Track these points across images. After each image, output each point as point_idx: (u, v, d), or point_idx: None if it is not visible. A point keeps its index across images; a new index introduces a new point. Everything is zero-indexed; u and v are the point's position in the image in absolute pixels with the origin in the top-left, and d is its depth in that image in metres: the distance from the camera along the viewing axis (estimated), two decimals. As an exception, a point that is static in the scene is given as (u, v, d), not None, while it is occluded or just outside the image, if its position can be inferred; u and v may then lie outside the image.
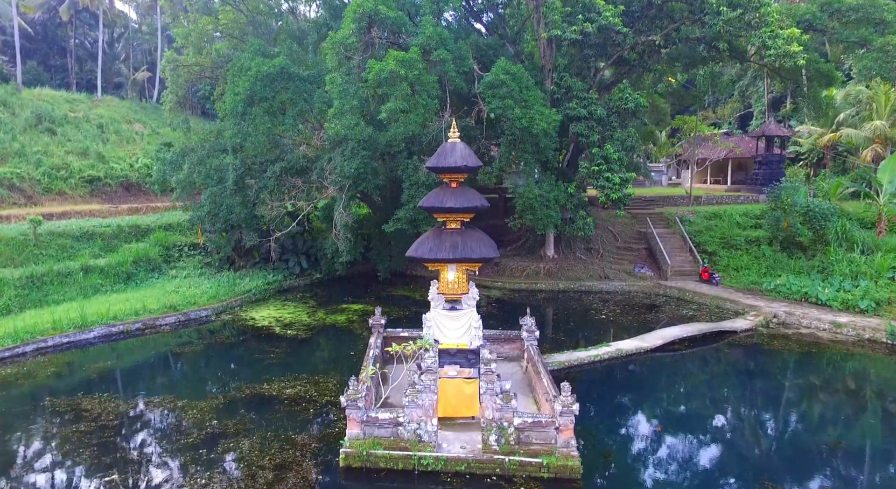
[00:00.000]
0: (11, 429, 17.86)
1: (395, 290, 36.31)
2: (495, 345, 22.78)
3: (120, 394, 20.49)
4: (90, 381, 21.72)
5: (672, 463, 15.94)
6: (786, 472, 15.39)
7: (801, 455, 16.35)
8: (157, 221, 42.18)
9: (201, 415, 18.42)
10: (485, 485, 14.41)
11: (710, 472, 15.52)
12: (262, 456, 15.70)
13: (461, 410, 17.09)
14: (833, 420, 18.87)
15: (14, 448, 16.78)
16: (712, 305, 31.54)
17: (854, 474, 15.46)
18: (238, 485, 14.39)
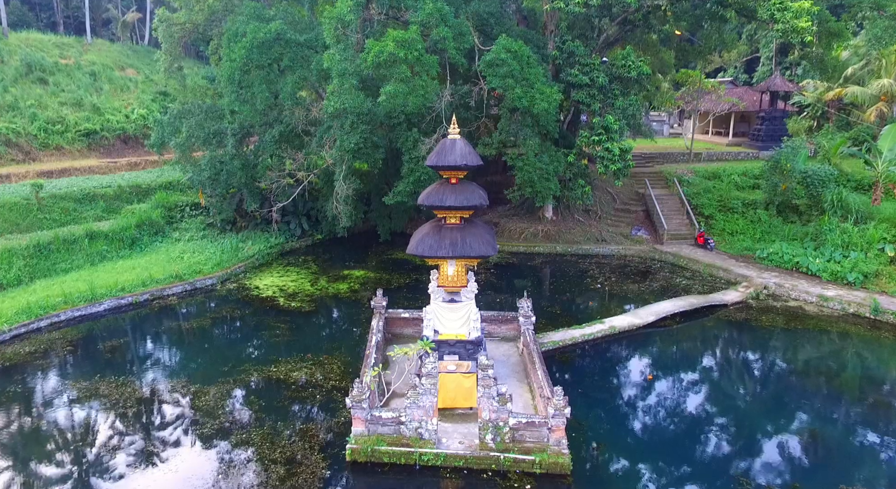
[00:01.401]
0: (21, 415, 18.96)
1: (395, 253, 36.88)
2: (493, 325, 23.71)
3: (134, 377, 21.48)
4: (103, 363, 22.68)
5: (660, 453, 17.03)
6: (758, 461, 16.56)
7: (775, 443, 17.46)
8: (157, 180, 42.30)
9: (213, 402, 19.49)
10: (481, 480, 15.59)
11: (694, 462, 16.67)
12: (273, 449, 16.82)
13: (459, 401, 18.11)
14: (809, 406, 19.92)
15: (30, 432, 17.89)
16: (705, 273, 32.31)
17: (826, 461, 16.63)
18: (253, 480, 15.55)
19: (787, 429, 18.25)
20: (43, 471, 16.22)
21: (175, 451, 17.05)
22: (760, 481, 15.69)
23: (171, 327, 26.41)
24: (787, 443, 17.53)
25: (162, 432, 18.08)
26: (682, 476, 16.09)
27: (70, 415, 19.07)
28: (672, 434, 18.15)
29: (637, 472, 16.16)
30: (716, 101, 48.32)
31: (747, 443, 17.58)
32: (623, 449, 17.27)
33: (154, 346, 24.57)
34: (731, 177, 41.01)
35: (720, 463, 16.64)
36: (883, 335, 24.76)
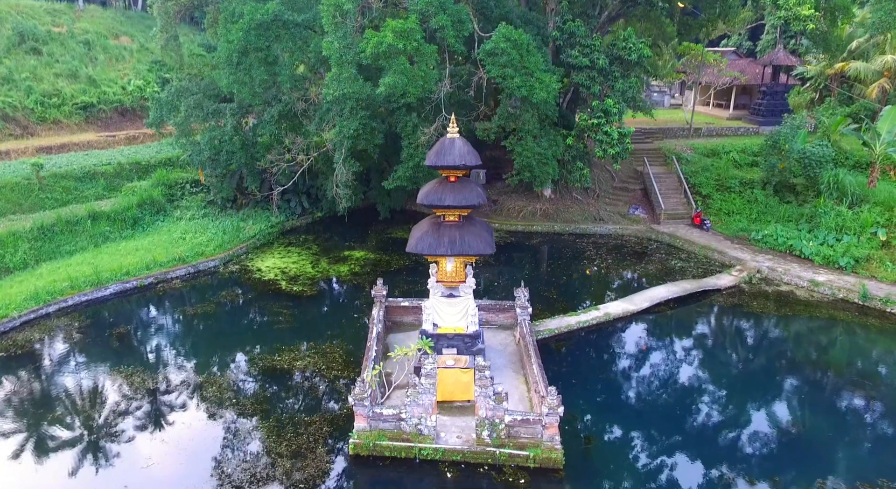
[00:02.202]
0: (33, 401, 19.74)
1: (395, 231, 37.29)
2: (491, 313, 24.34)
3: (144, 367, 22.16)
4: (110, 352, 23.31)
5: (651, 446, 17.87)
6: (743, 453, 17.41)
7: (759, 434, 18.28)
8: (156, 156, 42.33)
9: (220, 394, 20.23)
10: (478, 474, 16.43)
11: (683, 454, 17.49)
12: (279, 442, 17.63)
13: (458, 395, 18.85)
14: (793, 396, 20.69)
15: (42, 418, 18.69)
16: (700, 255, 32.82)
17: (806, 454, 17.46)
18: (261, 474, 16.38)
19: (772, 420, 19.04)
20: (52, 457, 17.05)
21: (182, 442, 17.84)
22: (745, 471, 16.53)
23: (177, 314, 27.01)
24: (771, 435, 18.32)
25: (171, 423, 18.84)
26: (672, 468, 16.91)
27: (78, 402, 19.83)
28: (662, 425, 18.90)
29: (628, 465, 16.99)
30: (717, 74, 47.86)
31: (734, 434, 18.39)
32: (614, 442, 18.08)
33: (160, 335, 25.12)
34: (729, 154, 41.07)
35: (709, 455, 17.43)
36: (870, 321, 25.43)
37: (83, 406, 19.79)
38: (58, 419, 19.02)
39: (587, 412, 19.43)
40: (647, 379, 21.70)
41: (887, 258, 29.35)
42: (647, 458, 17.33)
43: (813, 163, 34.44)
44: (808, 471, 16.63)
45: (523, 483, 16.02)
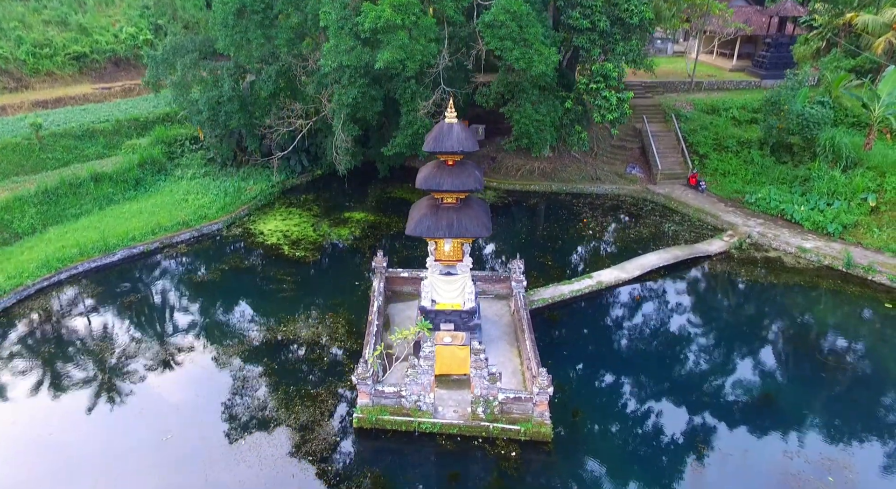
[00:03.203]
0: (52, 373, 21.00)
1: (394, 191, 37.74)
2: (487, 284, 25.25)
3: (154, 337, 23.29)
4: (121, 322, 24.41)
5: (636, 417, 19.19)
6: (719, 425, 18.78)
7: (734, 407, 19.60)
8: (154, 111, 42.11)
9: (229, 363, 21.46)
10: (472, 446, 17.82)
11: (664, 428, 18.83)
12: (287, 415, 18.94)
13: (454, 369, 20.05)
14: (776, 367, 21.90)
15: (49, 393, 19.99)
16: (694, 218, 33.47)
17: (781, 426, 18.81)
18: (272, 446, 17.74)
19: (752, 391, 20.30)
20: (69, 424, 18.42)
21: (198, 415, 19.16)
22: (728, 441, 17.92)
23: (183, 283, 27.74)
24: (748, 408, 19.62)
25: (183, 396, 20.12)
26: (654, 439, 18.28)
27: (91, 371, 21.07)
28: (646, 397, 20.19)
29: (613, 437, 18.36)
30: (722, 25, 46.82)
31: (717, 404, 19.67)
32: (600, 414, 19.38)
33: (168, 305, 25.96)
34: (729, 111, 40.92)
35: (692, 424, 18.77)
36: (850, 289, 26.40)
37: (96, 374, 21.00)
38: (75, 385, 20.29)
39: (576, 384, 20.68)
40: (634, 350, 22.86)
41: (875, 224, 30.01)
42: (631, 430, 18.68)
43: (811, 124, 34.49)
44: (779, 435, 18.04)
45: (514, 455, 17.42)
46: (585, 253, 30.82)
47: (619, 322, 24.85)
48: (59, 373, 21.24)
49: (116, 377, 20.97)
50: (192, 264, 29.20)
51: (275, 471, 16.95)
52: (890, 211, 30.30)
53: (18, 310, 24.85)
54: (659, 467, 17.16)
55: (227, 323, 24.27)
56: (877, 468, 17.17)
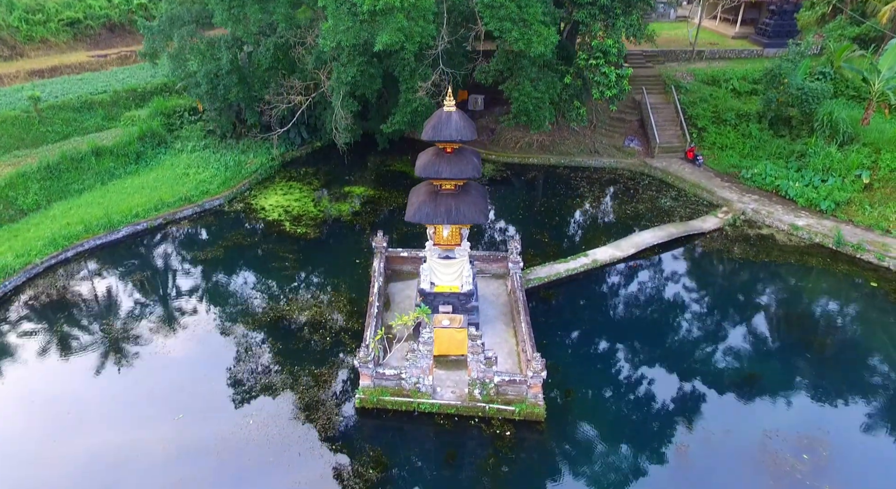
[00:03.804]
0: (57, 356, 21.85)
1: (393, 164, 37.96)
2: (485, 263, 25.87)
3: (160, 316, 24.03)
4: (129, 300, 25.14)
5: (628, 397, 20.11)
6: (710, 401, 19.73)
7: (720, 384, 20.52)
8: (151, 81, 41.93)
9: (236, 342, 22.28)
10: (469, 425, 18.78)
11: (654, 407, 19.78)
12: (292, 395, 19.85)
13: (453, 350, 20.85)
14: (760, 347, 22.72)
15: (61, 380, 20.87)
16: (690, 193, 33.87)
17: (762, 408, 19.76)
18: (277, 425, 18.69)
19: (735, 373, 21.17)
20: (78, 405, 19.36)
21: (204, 393, 20.07)
22: (702, 424, 18.89)
23: (186, 260, 28.22)
24: (733, 387, 20.50)
25: (192, 374, 21.00)
26: (641, 420, 19.22)
27: (99, 348, 21.92)
28: (638, 377, 21.06)
29: (603, 416, 19.29)
30: (726, -9, 46.07)
31: (706, 383, 20.57)
32: (593, 393, 20.28)
33: (173, 283, 26.57)
34: (730, 82, 40.78)
35: (677, 409, 19.70)
36: (838, 267, 27.05)
37: (107, 352, 21.84)
38: (86, 364, 21.16)
39: (569, 364, 21.51)
40: (626, 329, 23.63)
41: (867, 201, 30.44)
42: (620, 410, 19.62)
43: (810, 98, 34.51)
44: (761, 414, 19.01)
45: (509, 434, 18.39)
46: (582, 229, 31.36)
47: (613, 301, 25.57)
48: (70, 351, 22.08)
49: (126, 356, 21.80)
50: (195, 241, 29.73)
51: (281, 449, 17.91)
52: (882, 188, 30.70)
53: (29, 289, 25.54)
54: (645, 447, 18.13)
55: (231, 302, 24.96)
56: (849, 445, 18.13)
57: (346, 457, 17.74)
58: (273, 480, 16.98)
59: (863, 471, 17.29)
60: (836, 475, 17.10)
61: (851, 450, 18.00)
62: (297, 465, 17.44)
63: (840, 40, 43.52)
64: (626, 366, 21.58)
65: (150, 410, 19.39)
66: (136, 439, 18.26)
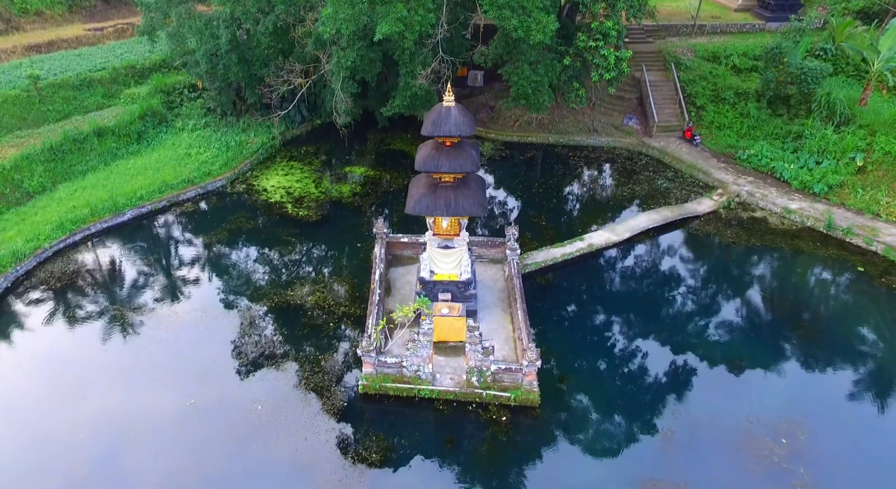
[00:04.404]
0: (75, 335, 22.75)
1: (393, 142, 38.19)
2: (483, 248, 26.54)
3: (168, 302, 24.76)
4: (137, 284, 25.89)
5: (620, 383, 21.07)
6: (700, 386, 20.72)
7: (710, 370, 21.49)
8: (150, 57, 41.71)
9: (243, 329, 23.12)
10: (467, 411, 19.78)
11: (647, 395, 20.72)
12: (299, 381, 20.79)
13: (452, 336, 21.73)
14: (748, 332, 23.59)
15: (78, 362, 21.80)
16: (687, 174, 34.30)
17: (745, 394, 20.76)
18: (285, 410, 19.67)
19: (723, 358, 22.06)
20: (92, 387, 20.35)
21: (214, 377, 21.01)
22: (688, 409, 19.89)
23: (191, 244, 28.86)
24: (720, 372, 21.45)
25: (201, 358, 21.90)
26: (631, 405, 20.20)
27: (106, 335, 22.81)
28: (628, 363, 22.01)
29: (594, 402, 20.26)
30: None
31: (698, 367, 21.55)
32: (585, 379, 21.19)
33: (178, 268, 27.16)
34: (730, 58, 40.67)
35: (666, 394, 20.62)
36: (828, 252, 27.73)
37: (115, 338, 22.73)
38: (99, 348, 22.08)
39: (563, 350, 22.38)
40: (619, 315, 24.44)
41: (859, 184, 30.91)
42: (611, 396, 20.59)
43: (809, 78, 34.59)
44: (744, 399, 20.00)
45: (505, 420, 19.41)
46: (579, 212, 31.92)
47: (607, 287, 26.32)
48: (81, 334, 22.92)
49: (137, 340, 22.67)
50: (199, 225, 30.27)
51: (288, 433, 18.93)
52: (875, 171, 31.14)
53: (40, 273, 26.25)
54: (633, 432, 19.16)
55: (236, 287, 25.70)
56: (826, 430, 19.13)
57: (351, 439, 18.78)
58: (281, 462, 18.02)
59: (837, 455, 18.31)
60: (811, 458, 18.14)
61: (828, 435, 19.01)
62: (304, 448, 18.46)
63: (843, 14, 43.23)
64: (617, 353, 22.49)
65: (162, 394, 20.32)
66: (151, 419, 19.28)
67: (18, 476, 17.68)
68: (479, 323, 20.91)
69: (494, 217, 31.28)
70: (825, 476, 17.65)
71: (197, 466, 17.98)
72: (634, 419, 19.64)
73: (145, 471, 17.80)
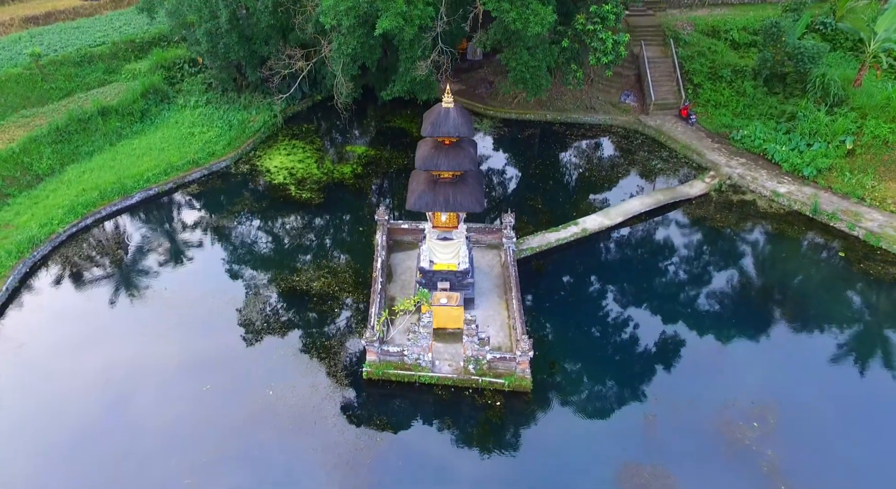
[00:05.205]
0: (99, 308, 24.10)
1: (394, 119, 38.68)
2: (480, 234, 27.60)
3: (178, 286, 25.94)
4: (149, 269, 27.05)
5: (601, 368, 22.50)
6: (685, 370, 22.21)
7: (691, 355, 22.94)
8: (148, 32, 41.64)
9: (251, 316, 24.42)
10: (464, 396, 21.30)
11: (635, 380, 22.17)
12: (307, 368, 22.23)
13: (450, 324, 23.06)
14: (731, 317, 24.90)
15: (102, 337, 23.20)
16: (681, 155, 35.03)
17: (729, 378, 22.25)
18: (294, 396, 21.17)
19: (703, 343, 23.48)
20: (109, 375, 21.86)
21: (226, 361, 22.45)
22: (670, 395, 21.41)
23: (197, 228, 29.81)
24: (699, 357, 22.87)
25: (215, 343, 23.29)
26: (617, 390, 21.69)
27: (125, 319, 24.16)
28: (616, 349, 23.42)
29: (583, 387, 21.77)
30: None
31: (685, 351, 23.01)
32: (574, 365, 22.60)
33: (186, 252, 28.31)
34: (730, 33, 40.75)
35: (649, 380, 22.06)
36: (811, 236, 28.83)
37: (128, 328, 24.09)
38: (114, 335, 23.47)
39: (555, 336, 23.79)
40: (609, 301, 25.70)
41: (847, 168, 31.68)
42: (598, 381, 22.07)
43: (806, 58, 34.88)
44: (721, 384, 21.50)
45: (499, 404, 20.95)
46: (574, 193, 32.79)
47: (598, 273, 27.44)
48: (101, 319, 24.26)
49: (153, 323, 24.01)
50: (205, 206, 31.21)
51: (297, 417, 20.49)
52: (864, 154, 31.89)
53: (56, 258, 27.40)
54: (617, 416, 20.70)
55: (241, 271, 26.87)
56: (796, 414, 20.64)
57: (356, 422, 20.35)
58: (293, 443, 19.63)
59: (803, 438, 19.87)
60: (779, 441, 19.73)
61: (796, 419, 20.54)
62: (314, 431, 20.03)
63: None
64: (604, 339, 23.89)
65: (179, 382, 21.80)
66: (167, 407, 20.84)
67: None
68: (476, 309, 22.16)
69: (492, 199, 32.17)
70: (790, 458, 19.23)
71: (216, 448, 19.55)
72: (619, 404, 21.18)
73: (166, 448, 19.41)
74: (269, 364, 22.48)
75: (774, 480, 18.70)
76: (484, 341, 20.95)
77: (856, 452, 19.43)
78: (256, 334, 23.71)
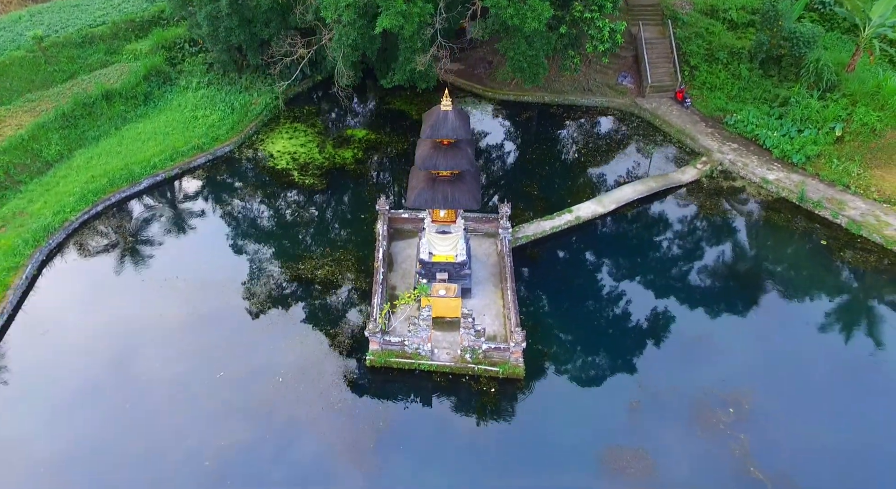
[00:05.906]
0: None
1: (395, 102, 39.13)
2: (477, 223, 28.71)
3: (189, 276, 27.03)
4: (158, 261, 28.14)
5: (590, 356, 24.01)
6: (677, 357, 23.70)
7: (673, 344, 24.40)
8: (149, 10, 41.66)
9: (260, 304, 25.76)
10: (461, 382, 22.84)
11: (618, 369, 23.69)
12: (313, 356, 23.70)
13: (448, 313, 24.45)
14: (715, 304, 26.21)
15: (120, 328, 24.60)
16: (675, 139, 35.81)
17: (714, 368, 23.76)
18: (302, 382, 22.68)
19: (686, 331, 24.89)
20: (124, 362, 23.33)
21: (238, 348, 23.91)
22: (654, 383, 22.93)
23: (205, 214, 30.95)
24: (683, 346, 24.31)
25: (217, 335, 24.71)
26: (603, 378, 23.25)
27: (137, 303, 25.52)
28: (605, 337, 24.85)
29: (572, 375, 23.30)
30: None
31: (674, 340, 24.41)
32: (564, 354, 24.07)
33: (194, 238, 29.50)
34: (728, 13, 40.86)
35: (635, 367, 23.57)
36: (796, 224, 29.91)
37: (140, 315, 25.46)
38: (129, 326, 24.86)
39: (548, 324, 25.19)
40: (600, 289, 27.01)
41: (836, 154, 32.50)
42: (586, 369, 23.61)
43: (801, 43, 35.27)
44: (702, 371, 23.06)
45: (493, 391, 22.52)
46: (569, 179, 33.65)
47: (590, 261, 28.69)
48: (118, 307, 25.57)
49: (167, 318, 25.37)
50: (210, 192, 32.20)
51: (305, 402, 22.06)
52: (852, 141, 32.68)
53: (71, 245, 28.56)
54: (603, 403, 22.33)
55: (251, 259, 28.06)
56: (770, 399, 22.23)
57: (360, 406, 21.94)
58: (302, 427, 21.27)
59: (774, 423, 21.46)
60: (751, 426, 21.33)
61: (769, 404, 22.12)
62: (321, 416, 21.63)
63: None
64: (594, 327, 25.32)
65: (193, 366, 23.30)
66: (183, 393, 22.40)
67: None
68: (473, 299, 23.52)
69: (490, 184, 33.12)
70: (761, 441, 20.85)
71: (232, 432, 21.17)
72: (606, 391, 22.76)
73: (186, 431, 21.05)
74: (277, 351, 23.91)
75: (745, 462, 20.38)
76: (480, 333, 22.36)
77: (824, 435, 21.06)
78: (265, 322, 25.09)
